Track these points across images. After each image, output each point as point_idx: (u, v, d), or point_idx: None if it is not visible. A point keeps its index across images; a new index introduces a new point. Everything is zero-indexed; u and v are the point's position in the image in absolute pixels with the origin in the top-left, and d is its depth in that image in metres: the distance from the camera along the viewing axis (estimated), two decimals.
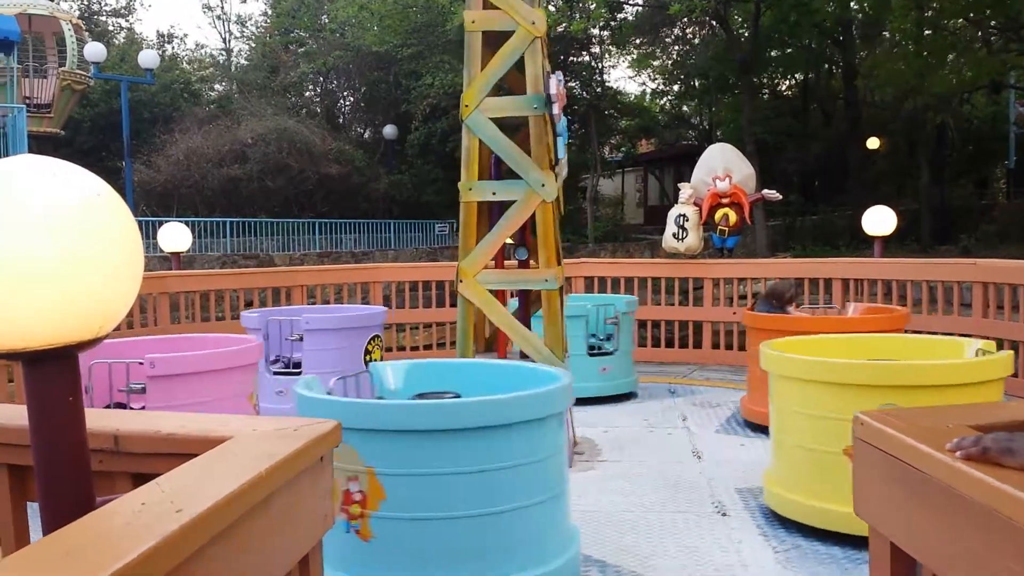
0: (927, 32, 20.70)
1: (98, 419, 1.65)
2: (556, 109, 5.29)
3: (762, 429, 5.87)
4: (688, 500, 4.68)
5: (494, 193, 5.51)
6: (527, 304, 6.00)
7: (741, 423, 6.41)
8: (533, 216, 5.44)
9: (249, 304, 10.34)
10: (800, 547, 3.96)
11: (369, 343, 6.71)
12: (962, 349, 4.60)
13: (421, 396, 3.67)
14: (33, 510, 1.57)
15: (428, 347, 9.58)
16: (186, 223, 10.35)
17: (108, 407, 4.13)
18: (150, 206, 21.95)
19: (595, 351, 7.33)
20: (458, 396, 3.61)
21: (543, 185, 5.35)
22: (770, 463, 4.52)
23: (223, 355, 4.58)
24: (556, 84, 5.30)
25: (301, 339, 6.49)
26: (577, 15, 21.73)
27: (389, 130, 25.96)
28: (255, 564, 1.38)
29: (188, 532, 1.12)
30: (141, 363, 4.24)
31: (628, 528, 4.27)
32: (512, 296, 6.29)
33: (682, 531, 4.24)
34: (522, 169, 5.39)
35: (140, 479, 1.51)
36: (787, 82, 29.25)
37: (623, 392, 7.44)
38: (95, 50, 19.31)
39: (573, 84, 23.99)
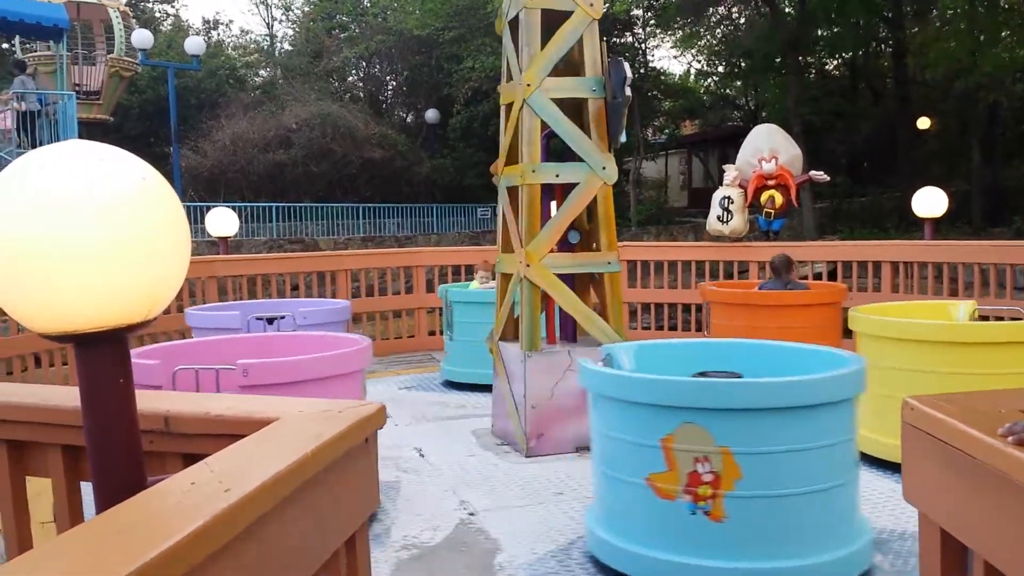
0: (979, 9, 20.18)
1: (149, 401, 1.68)
2: (629, 91, 5.22)
3: None
4: None
5: (557, 175, 5.44)
6: (574, 286, 5.97)
7: None
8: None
9: (295, 289, 10.42)
10: None
11: None
12: (949, 311, 5.43)
13: (702, 375, 3.72)
14: (87, 489, 1.61)
15: None
16: (233, 208, 10.46)
17: None
18: (197, 191, 22.25)
19: None
20: (739, 376, 3.68)
21: (604, 168, 5.32)
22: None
23: (328, 360, 3.92)
24: (628, 68, 5.24)
25: None
26: None
27: (431, 114, 26.01)
28: (302, 543, 1.40)
29: (236, 511, 1.14)
30: (232, 369, 3.65)
31: None
32: None
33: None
34: (584, 151, 5.33)
35: (190, 459, 1.53)
36: (835, 61, 28.68)
37: None
38: (142, 37, 19.54)
39: None
